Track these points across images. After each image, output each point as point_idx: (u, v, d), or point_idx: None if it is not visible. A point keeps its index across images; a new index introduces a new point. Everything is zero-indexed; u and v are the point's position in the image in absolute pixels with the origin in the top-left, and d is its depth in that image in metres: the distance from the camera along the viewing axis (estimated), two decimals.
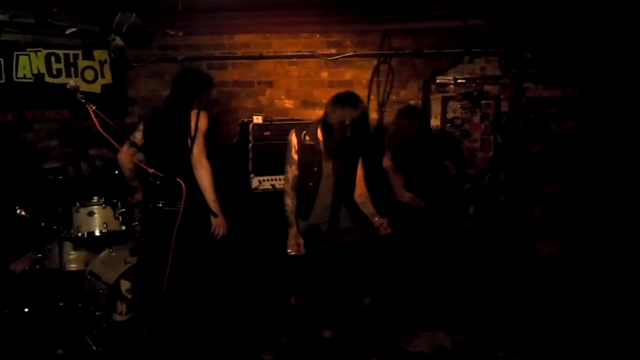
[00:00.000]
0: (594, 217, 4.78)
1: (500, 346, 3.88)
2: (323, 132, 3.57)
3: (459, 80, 5.07)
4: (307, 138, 3.65)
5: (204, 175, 3.50)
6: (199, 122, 3.57)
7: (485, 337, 4.03)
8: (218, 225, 3.64)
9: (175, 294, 3.43)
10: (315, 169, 3.64)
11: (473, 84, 5.05)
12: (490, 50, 4.90)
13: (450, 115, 5.20)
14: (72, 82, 3.29)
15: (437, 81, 5.15)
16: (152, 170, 2.94)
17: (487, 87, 5.04)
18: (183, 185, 2.89)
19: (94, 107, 2.76)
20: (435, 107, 5.22)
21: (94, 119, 2.73)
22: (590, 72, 4.72)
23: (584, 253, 4.81)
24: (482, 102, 5.07)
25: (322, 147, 3.61)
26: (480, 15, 4.80)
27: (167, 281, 3.13)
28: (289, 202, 3.69)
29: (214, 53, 5.46)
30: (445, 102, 5.19)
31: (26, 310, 4.07)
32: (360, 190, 3.76)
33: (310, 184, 3.66)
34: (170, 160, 3.50)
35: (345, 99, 3.53)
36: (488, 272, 4.81)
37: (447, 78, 5.11)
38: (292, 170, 3.67)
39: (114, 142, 2.82)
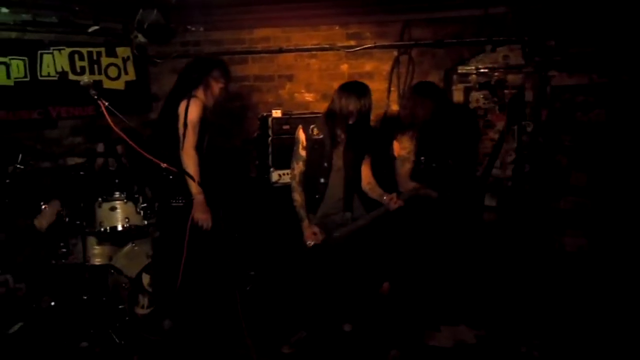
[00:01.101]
0: (622, 208, 4.65)
1: (523, 340, 3.82)
2: (327, 121, 3.58)
3: (481, 70, 4.98)
4: (316, 132, 3.65)
5: (189, 166, 3.47)
6: (188, 111, 3.57)
7: (508, 332, 3.97)
8: (200, 219, 3.60)
9: (191, 287, 3.46)
10: (326, 163, 3.64)
11: (496, 74, 4.95)
12: (513, 39, 4.80)
13: (473, 105, 5.12)
14: (85, 78, 3.34)
15: (459, 71, 5.08)
16: (165, 164, 2.95)
17: (510, 76, 4.94)
18: (195, 179, 2.89)
19: (107, 103, 2.78)
20: (458, 98, 5.15)
21: (107, 115, 2.76)
22: (617, 58, 4.58)
23: (611, 245, 4.68)
24: (505, 91, 4.97)
25: (330, 139, 3.61)
26: (502, 3, 4.69)
27: (182, 274, 3.15)
28: (297, 197, 3.70)
29: (234, 48, 5.48)
30: (467, 92, 5.11)
31: (52, 303, 4.17)
32: (367, 179, 3.75)
33: (322, 180, 3.66)
34: (174, 153, 3.52)
35: (351, 88, 3.56)
36: (511, 265, 4.72)
37: (469, 68, 5.03)
38: (298, 167, 3.69)
39: (126, 138, 2.84)
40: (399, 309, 4.08)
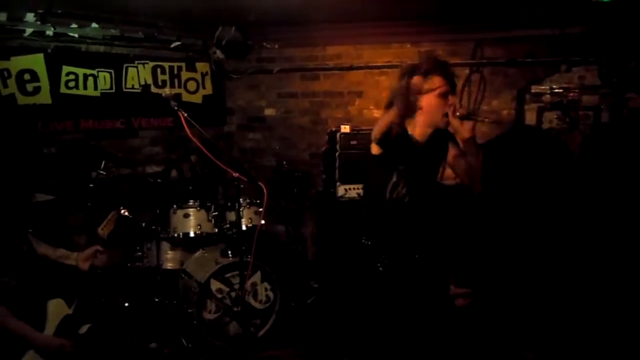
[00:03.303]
0: None
1: None
2: None
3: (555, 90, 4.87)
4: None
5: None
6: None
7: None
8: None
9: None
10: None
11: (570, 94, 4.83)
12: (590, 59, 4.67)
13: (545, 125, 5.00)
14: (167, 91, 3.50)
15: (532, 91, 4.98)
16: (237, 174, 3.07)
17: (585, 97, 4.81)
18: (265, 189, 2.99)
19: (186, 115, 2.93)
20: (530, 118, 5.04)
21: (185, 125, 2.91)
22: None
23: None
24: (580, 112, 4.84)
25: None
26: (579, 23, 4.58)
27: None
28: None
29: (307, 64, 5.59)
30: (540, 112, 5.00)
31: (126, 304, 4.37)
32: None
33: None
34: None
35: None
36: (584, 292, 4.55)
37: (543, 87, 4.93)
38: None
39: (202, 148, 2.99)
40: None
